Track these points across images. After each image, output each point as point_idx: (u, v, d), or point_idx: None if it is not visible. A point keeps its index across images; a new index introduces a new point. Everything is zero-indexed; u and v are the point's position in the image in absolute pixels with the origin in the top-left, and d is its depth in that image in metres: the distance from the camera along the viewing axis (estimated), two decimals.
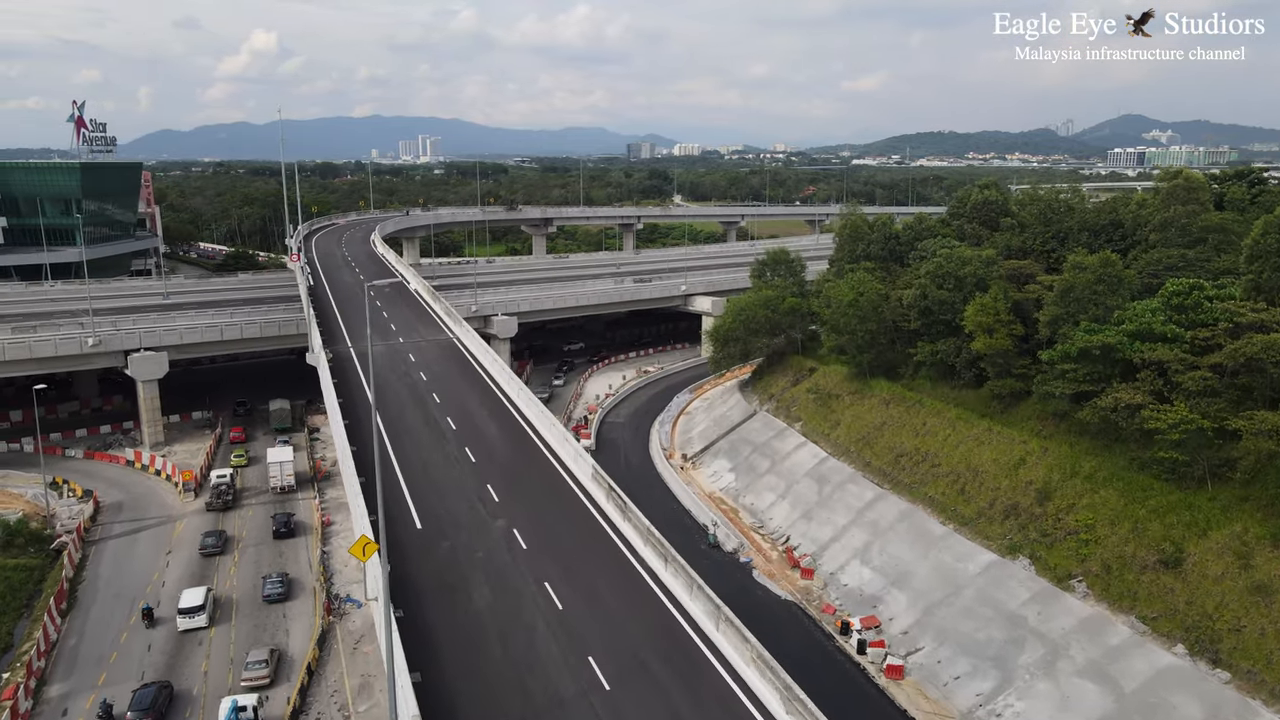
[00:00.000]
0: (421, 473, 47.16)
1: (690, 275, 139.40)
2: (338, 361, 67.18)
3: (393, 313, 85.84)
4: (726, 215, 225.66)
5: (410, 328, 79.13)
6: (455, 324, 74.23)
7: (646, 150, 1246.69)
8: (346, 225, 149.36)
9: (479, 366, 64.91)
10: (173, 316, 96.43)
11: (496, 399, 59.47)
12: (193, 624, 54.36)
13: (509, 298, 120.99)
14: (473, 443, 51.60)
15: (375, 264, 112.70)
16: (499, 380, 61.10)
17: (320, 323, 73.34)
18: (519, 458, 49.97)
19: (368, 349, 43.10)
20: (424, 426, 53.85)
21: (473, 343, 69.78)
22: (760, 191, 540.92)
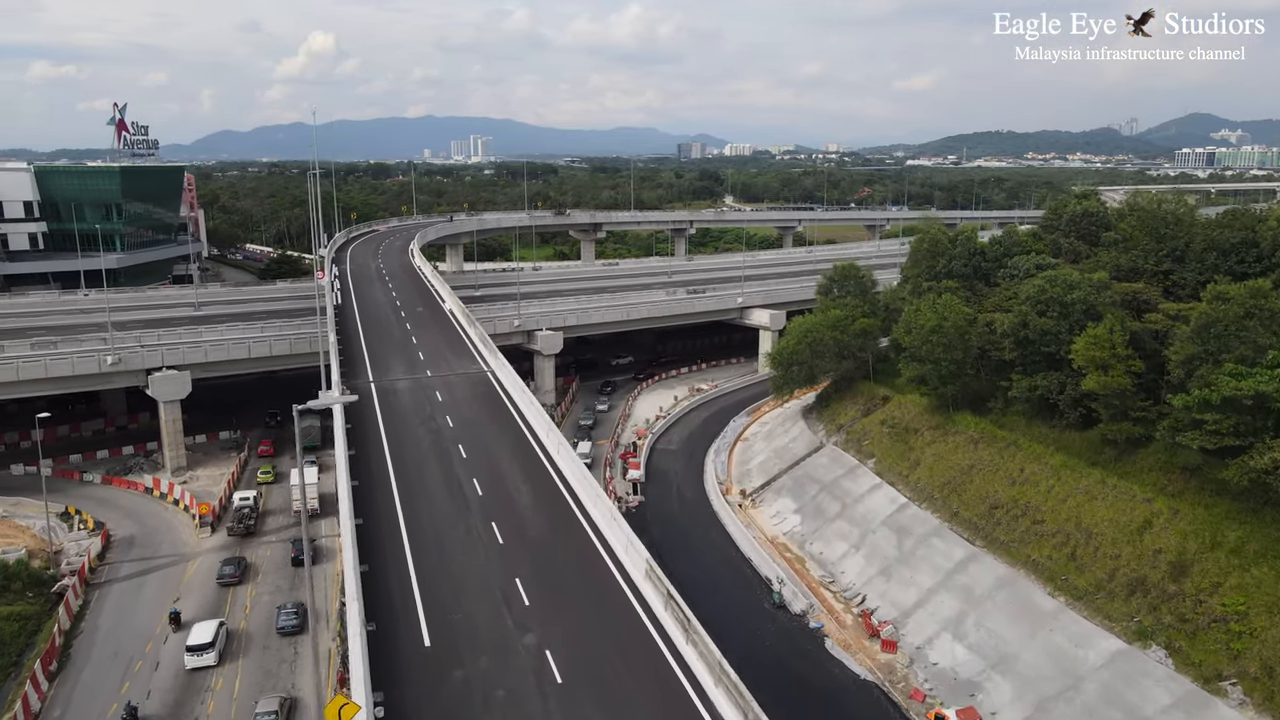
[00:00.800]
0: (437, 556, 38.78)
1: (746, 286, 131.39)
2: (355, 402, 59.44)
3: (422, 337, 77.47)
4: (782, 220, 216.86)
5: (440, 357, 70.15)
6: (490, 355, 65.28)
7: (697, 150, 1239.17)
8: (387, 233, 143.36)
9: (514, 410, 56.74)
10: (200, 331, 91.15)
11: (532, 453, 50.55)
12: (201, 662, 50.91)
13: (554, 310, 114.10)
14: (501, 515, 42.65)
15: (411, 279, 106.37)
16: (536, 430, 52.72)
17: (342, 350, 67.17)
18: (556, 539, 40.87)
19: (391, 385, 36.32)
20: (445, 490, 45.37)
21: (509, 379, 61.15)
22: (814, 193, 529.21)
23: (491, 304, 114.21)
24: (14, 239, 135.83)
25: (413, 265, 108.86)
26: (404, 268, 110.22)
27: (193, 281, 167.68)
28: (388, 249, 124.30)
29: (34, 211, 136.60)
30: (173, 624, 55.79)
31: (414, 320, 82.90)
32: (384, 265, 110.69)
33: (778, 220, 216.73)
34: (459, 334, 75.47)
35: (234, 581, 61.66)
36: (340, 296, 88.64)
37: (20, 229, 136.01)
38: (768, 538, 70.70)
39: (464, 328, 73.85)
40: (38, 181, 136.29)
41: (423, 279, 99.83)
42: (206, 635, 51.90)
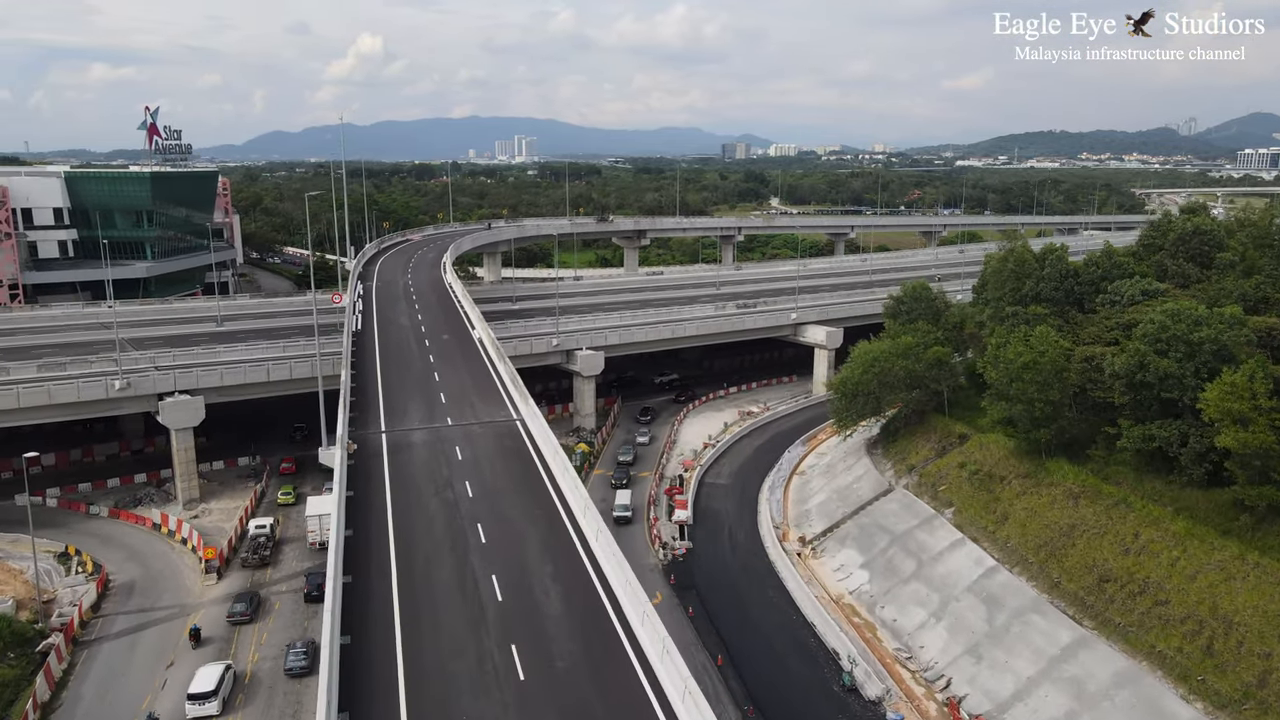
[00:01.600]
0: (438, 702, 29.31)
1: (800, 300, 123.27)
2: (361, 460, 49.73)
3: (446, 373, 67.54)
4: (834, 227, 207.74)
5: (463, 400, 60.37)
6: (520, 398, 56.11)
7: (742, 151, 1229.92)
8: (421, 242, 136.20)
9: (546, 476, 48.02)
10: (218, 352, 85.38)
11: (565, 538, 40.64)
12: (202, 712, 47.03)
13: (595, 325, 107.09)
14: (525, 633, 33.30)
15: (440, 298, 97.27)
16: (571, 505, 43.29)
17: (356, 388, 60.12)
18: (595, 678, 30.99)
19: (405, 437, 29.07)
20: (458, 591, 36.12)
21: (541, 434, 52.23)
22: (862, 196, 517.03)
23: (529, 319, 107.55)
24: (43, 247, 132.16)
25: (443, 282, 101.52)
26: (434, 284, 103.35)
27: (227, 289, 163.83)
28: (419, 262, 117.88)
29: (64, 218, 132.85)
30: (192, 640, 54.75)
31: (439, 351, 74.05)
32: (413, 282, 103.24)
33: (829, 226, 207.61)
34: (487, 369, 67.90)
35: (244, 620, 57.67)
36: (361, 320, 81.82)
37: (50, 236, 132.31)
38: (832, 597, 62.76)
39: (493, 362, 65.94)
40: (68, 187, 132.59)
41: (453, 299, 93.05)
42: (209, 682, 47.91)
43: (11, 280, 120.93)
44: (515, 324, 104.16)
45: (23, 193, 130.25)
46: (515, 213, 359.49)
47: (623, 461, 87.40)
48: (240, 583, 63.34)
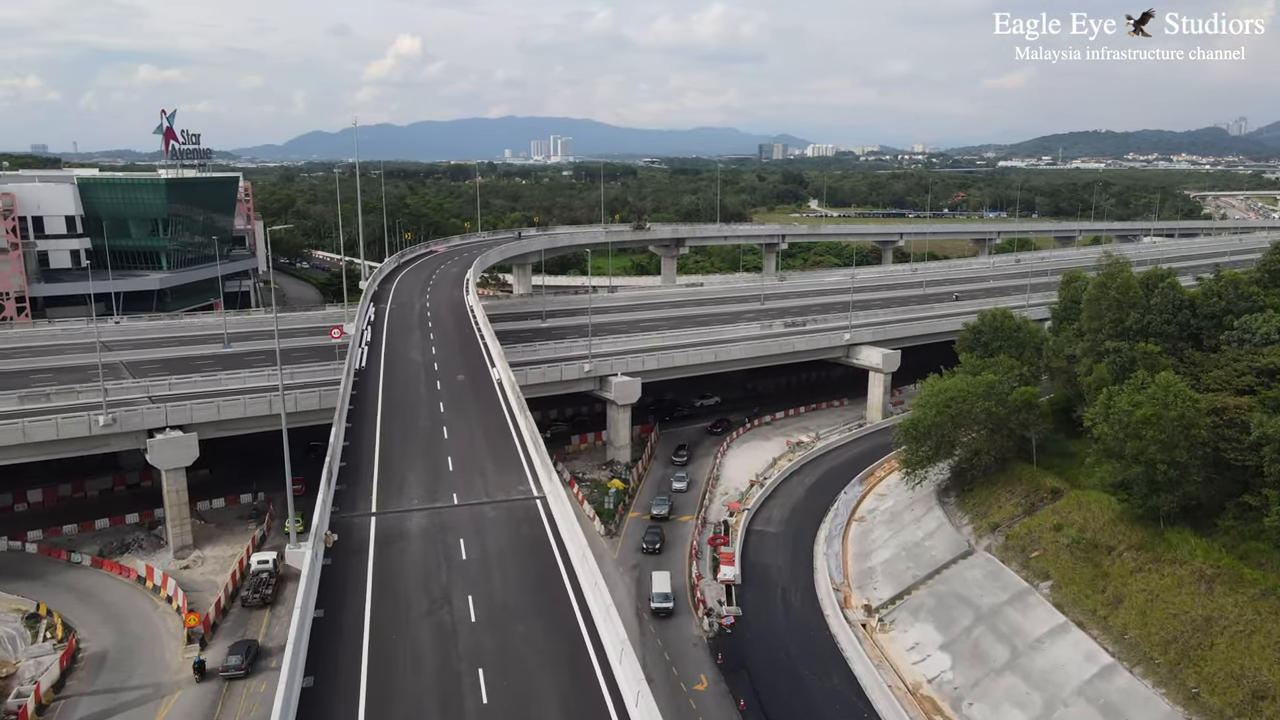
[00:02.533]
0: None
1: (853, 316, 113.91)
2: (340, 558, 39.26)
3: (457, 429, 55.76)
4: (882, 235, 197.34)
5: (475, 468, 48.49)
6: (544, 470, 44.86)
7: (779, 151, 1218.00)
8: (446, 254, 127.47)
9: (572, 590, 37.23)
10: (220, 379, 78.02)
11: (594, 698, 30.36)
12: None
13: (631, 347, 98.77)
14: None
15: (459, 326, 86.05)
16: (604, 640, 33.07)
17: (348, 449, 51.18)
18: None
19: (399, 524, 20.33)
20: None
21: (567, 525, 41.18)
22: (905, 198, 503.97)
23: (560, 339, 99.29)
24: (55, 256, 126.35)
25: (464, 304, 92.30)
26: (454, 307, 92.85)
27: (248, 300, 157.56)
28: (440, 278, 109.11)
29: (76, 226, 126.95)
30: (196, 674, 52.04)
31: (451, 397, 62.18)
32: (431, 304, 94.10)
33: (877, 234, 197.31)
34: (505, 422, 56.72)
35: (239, 675, 51.81)
36: (367, 354, 72.25)
37: (61, 245, 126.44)
38: (908, 686, 53.51)
39: (513, 413, 56.34)
40: (81, 194, 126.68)
41: (473, 325, 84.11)
42: None
43: (18, 293, 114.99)
44: (545, 346, 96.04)
45: (33, 200, 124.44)
46: (549, 215, 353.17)
47: (657, 515, 77.50)
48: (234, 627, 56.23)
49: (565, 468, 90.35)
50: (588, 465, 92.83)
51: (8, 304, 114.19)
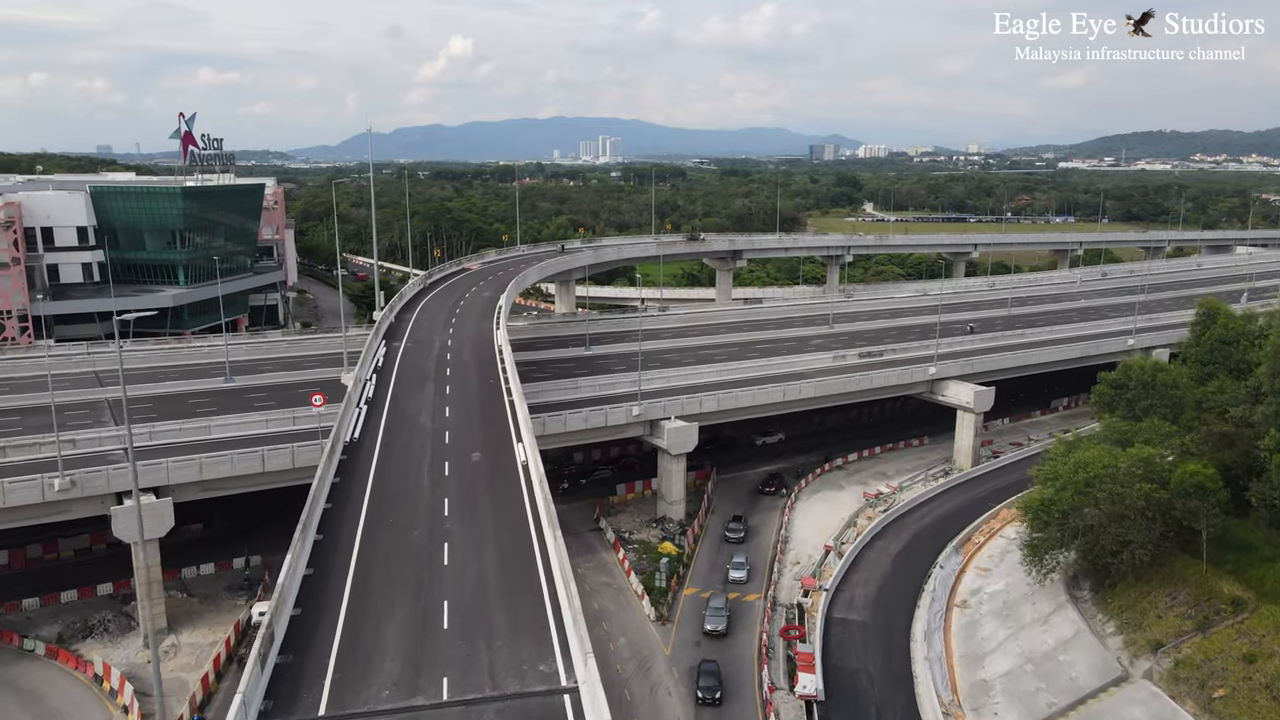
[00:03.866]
0: None
1: (937, 344, 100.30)
2: None
3: (461, 548, 40.08)
4: (955, 245, 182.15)
5: (479, 628, 33.11)
6: (579, 642, 30.18)
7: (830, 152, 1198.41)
8: (480, 272, 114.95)
9: None
10: (209, 427, 67.18)
11: None
12: None
13: (685, 381, 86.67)
14: None
15: (484, 375, 68.55)
16: None
17: (311, 582, 36.06)
18: None
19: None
20: None
21: None
22: (965, 201, 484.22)
23: (605, 374, 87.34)
24: (65, 270, 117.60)
25: (493, 342, 76.53)
26: (480, 347, 76.55)
27: (276, 314, 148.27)
28: (469, 304, 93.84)
29: (89, 238, 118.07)
30: None
31: (461, 492, 45.60)
32: (454, 340, 78.67)
33: (949, 245, 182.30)
34: (529, 537, 40.98)
35: None
36: (364, 419, 56.05)
37: (72, 258, 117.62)
38: None
39: (540, 523, 41.62)
40: (94, 203, 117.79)
41: (500, 375, 67.62)
42: None
43: (20, 311, 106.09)
44: (588, 382, 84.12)
45: (42, 210, 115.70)
46: (596, 219, 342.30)
47: (716, 610, 62.47)
48: None
49: (609, 524, 78.44)
50: (635, 521, 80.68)
51: (8, 323, 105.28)
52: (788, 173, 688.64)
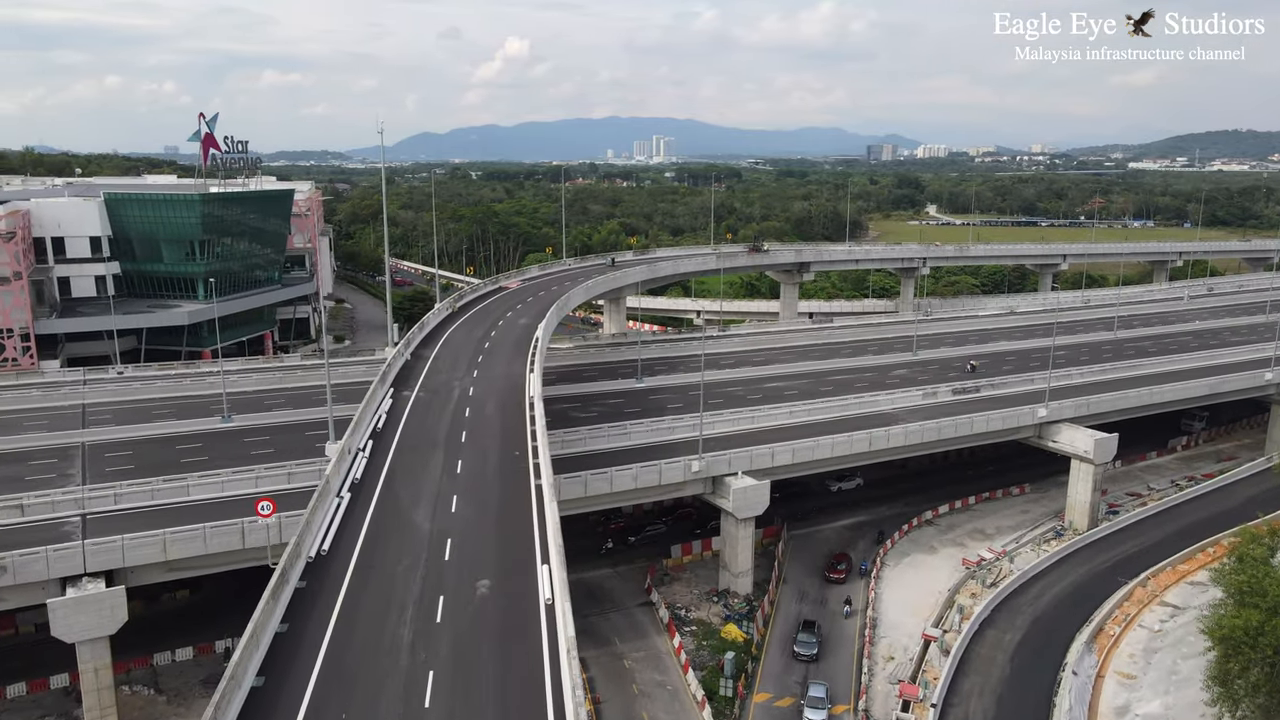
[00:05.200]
0: None
1: (1034, 375, 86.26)
2: None
3: None
4: (1042, 256, 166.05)
5: None
6: None
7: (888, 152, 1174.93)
8: (519, 292, 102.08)
9: None
10: (188, 486, 56.36)
11: None
12: None
13: (753, 425, 74.30)
14: None
15: (507, 445, 52.92)
16: None
17: None
18: None
19: None
20: None
21: None
22: (1034, 204, 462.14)
23: (659, 416, 75.22)
24: (77, 284, 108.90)
25: (524, 392, 61.69)
26: (506, 399, 61.72)
27: (306, 328, 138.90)
28: (502, 336, 79.65)
29: (103, 249, 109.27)
30: None
31: (457, 649, 32.47)
32: (476, 389, 64.03)
33: (1036, 256, 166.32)
34: None
35: None
36: (342, 514, 42.44)
37: (85, 271, 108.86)
38: None
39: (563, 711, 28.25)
40: (109, 211, 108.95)
41: (527, 443, 52.09)
42: None
43: (23, 329, 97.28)
44: (639, 426, 71.97)
45: (52, 219, 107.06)
46: (649, 222, 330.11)
47: None
48: None
49: (662, 596, 66.30)
50: (694, 593, 68.40)
51: (8, 343, 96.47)
52: (845, 173, 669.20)
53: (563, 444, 67.79)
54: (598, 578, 70.09)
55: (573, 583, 66.75)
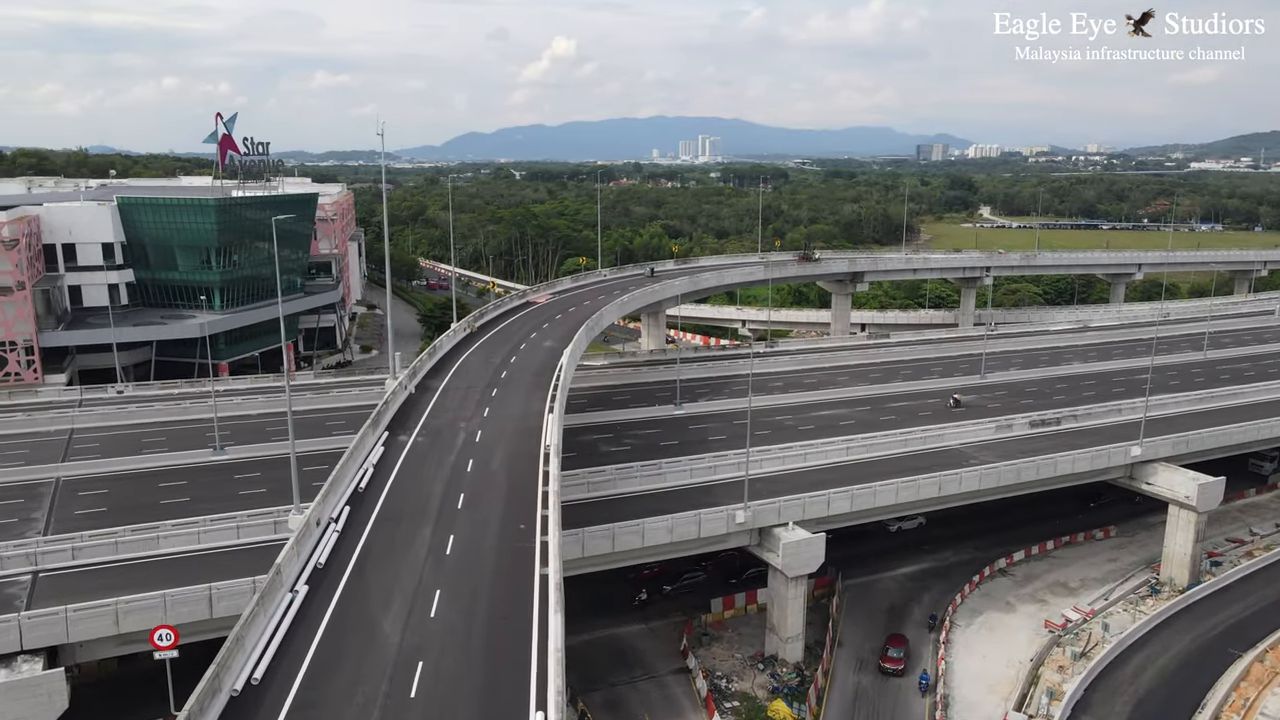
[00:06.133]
0: None
1: (1121, 404, 76.54)
2: None
3: None
4: (1116, 266, 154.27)
5: None
6: None
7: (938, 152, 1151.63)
8: (547, 307, 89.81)
9: None
10: (158, 538, 49.36)
11: None
12: None
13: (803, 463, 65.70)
14: None
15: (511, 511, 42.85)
16: None
17: None
18: None
19: None
20: None
21: None
22: (1094, 206, 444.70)
23: (698, 452, 67.02)
24: (89, 292, 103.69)
25: (539, 442, 50.78)
26: (517, 448, 51.15)
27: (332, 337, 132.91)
28: (521, 364, 69.11)
29: (115, 256, 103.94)
30: None
31: None
32: (484, 432, 53.96)
33: (1109, 265, 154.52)
34: None
35: None
36: (289, 623, 32.56)
37: (97, 279, 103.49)
38: None
39: None
40: (122, 216, 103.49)
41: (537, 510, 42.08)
42: None
43: (26, 342, 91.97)
44: (675, 466, 63.88)
45: (64, 225, 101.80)
46: (694, 225, 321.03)
47: None
48: None
49: (700, 661, 58.11)
50: (736, 657, 60.07)
51: (10, 356, 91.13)
52: (894, 174, 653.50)
53: (589, 486, 60.06)
54: (628, 636, 61.97)
55: (600, 642, 58.78)
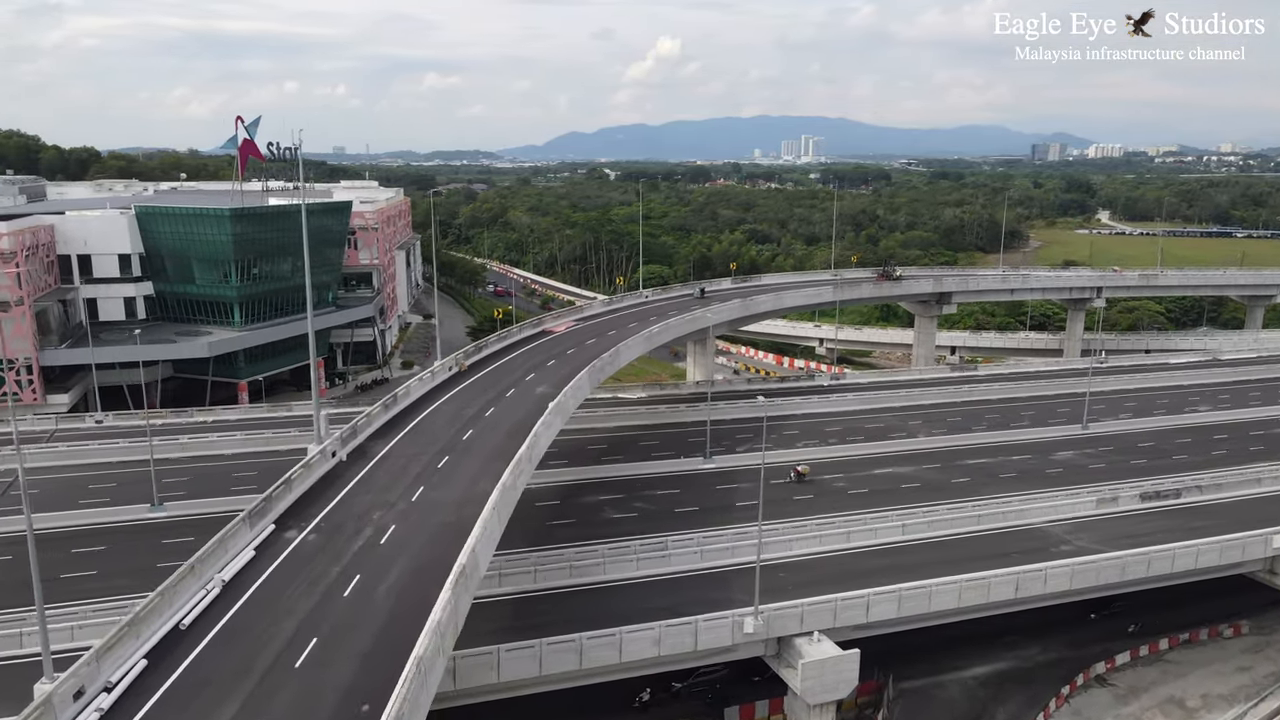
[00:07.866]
0: None
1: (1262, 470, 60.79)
2: None
3: None
4: (1255, 287, 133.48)
5: None
6: None
7: (1055, 152, 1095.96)
8: (564, 337, 77.22)
9: None
10: (21, 631, 40.64)
11: None
12: None
13: (844, 542, 53.14)
14: None
15: (373, 671, 28.70)
16: None
17: None
18: None
19: None
20: None
21: None
22: (1228, 213, 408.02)
23: (718, 527, 55.22)
24: (105, 305, 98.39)
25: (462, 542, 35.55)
26: (436, 543, 37.21)
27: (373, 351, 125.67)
28: (500, 416, 55.09)
29: (132, 267, 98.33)
30: None
31: None
32: (399, 526, 39.04)
33: (1245, 286, 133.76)
34: None
35: None
36: None
37: (113, 292, 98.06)
38: None
39: None
40: (140, 226, 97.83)
41: (409, 661, 27.62)
42: None
43: (26, 360, 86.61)
44: (682, 545, 52.24)
45: (79, 235, 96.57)
46: (783, 230, 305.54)
47: None
48: None
49: None
50: None
51: (9, 375, 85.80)
52: (1006, 174, 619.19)
53: (571, 570, 49.12)
54: None
55: None
